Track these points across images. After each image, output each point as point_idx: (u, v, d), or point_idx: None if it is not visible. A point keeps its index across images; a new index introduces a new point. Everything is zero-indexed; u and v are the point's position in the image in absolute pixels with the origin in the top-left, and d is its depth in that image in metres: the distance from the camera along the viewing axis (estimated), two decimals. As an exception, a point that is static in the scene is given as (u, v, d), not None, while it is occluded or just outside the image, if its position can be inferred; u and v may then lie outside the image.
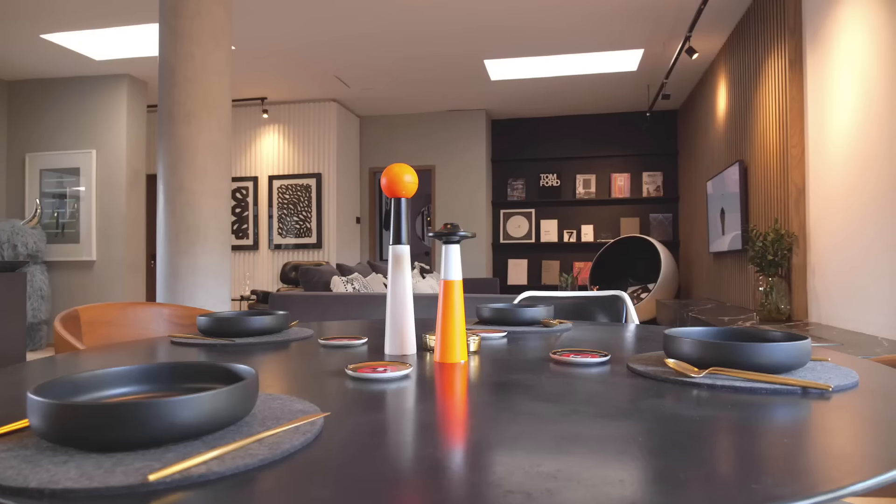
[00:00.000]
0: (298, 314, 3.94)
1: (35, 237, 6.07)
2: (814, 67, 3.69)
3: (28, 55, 5.74)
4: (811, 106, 3.73)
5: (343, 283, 4.09)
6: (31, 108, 6.47)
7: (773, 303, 3.84)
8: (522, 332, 1.45)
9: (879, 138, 2.93)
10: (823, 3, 3.55)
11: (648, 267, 7.58)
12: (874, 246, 3.00)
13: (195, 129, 2.70)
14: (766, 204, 4.34)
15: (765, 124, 4.34)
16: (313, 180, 7.19)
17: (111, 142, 6.27)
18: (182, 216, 2.67)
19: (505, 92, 6.98)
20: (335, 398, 0.78)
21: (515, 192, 8.18)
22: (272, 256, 7.29)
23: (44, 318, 6.08)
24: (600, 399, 0.76)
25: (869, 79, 3.03)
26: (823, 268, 3.60)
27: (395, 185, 1.13)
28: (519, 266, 8.13)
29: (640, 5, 4.71)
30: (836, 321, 3.43)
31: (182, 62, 2.69)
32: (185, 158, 2.69)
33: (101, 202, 6.28)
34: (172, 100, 2.70)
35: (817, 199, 3.67)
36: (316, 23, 4.96)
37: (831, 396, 0.77)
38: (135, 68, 6.11)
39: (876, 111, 2.97)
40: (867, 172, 3.06)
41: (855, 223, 3.20)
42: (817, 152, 3.65)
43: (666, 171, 7.81)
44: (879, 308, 2.96)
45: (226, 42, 2.81)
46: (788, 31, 3.87)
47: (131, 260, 6.32)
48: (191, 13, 2.71)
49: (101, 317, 1.66)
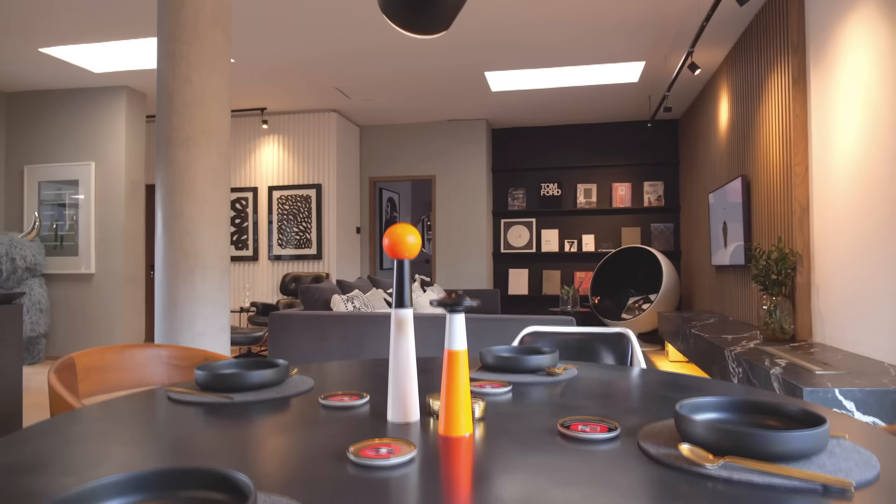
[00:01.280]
0: (299, 333, 3.91)
1: (33, 250, 6.04)
2: (818, 85, 3.66)
3: (26, 68, 5.71)
4: (815, 124, 3.70)
5: (343, 301, 4.06)
6: (30, 120, 6.44)
7: (776, 322, 3.80)
8: (527, 384, 1.42)
9: (885, 161, 2.90)
10: (827, 21, 3.52)
11: (650, 277, 7.55)
12: (880, 269, 2.97)
13: (194, 154, 2.67)
14: (769, 220, 4.31)
15: (768, 140, 4.31)
16: (313, 191, 7.16)
17: (110, 154, 6.25)
18: (181, 243, 2.64)
19: (505, 102, 6.96)
20: (336, 491, 0.74)
21: (516, 202, 8.15)
22: (272, 267, 7.25)
23: (42, 331, 6.05)
24: (611, 489, 0.73)
25: (874, 101, 3.00)
26: (828, 288, 3.57)
27: (397, 247, 1.10)
28: (520, 276, 8.10)
29: (642, 20, 4.69)
30: (841, 342, 3.40)
31: (180, 87, 2.67)
32: (183, 185, 2.66)
33: (100, 214, 6.25)
34: (171, 125, 2.67)
35: (821, 218, 3.64)
36: (317, 38, 4.93)
37: (853, 495, 0.74)
38: (133, 80, 6.08)
39: (881, 134, 2.94)
40: (873, 194, 3.03)
41: (860, 244, 3.17)
42: (821, 171, 3.62)
43: (667, 181, 7.78)
44: (885, 332, 2.93)
45: (224, 66, 2.78)
46: (791, 47, 3.84)
47: (130, 272, 6.29)
48: (189, 37, 2.68)
49: (98, 362, 1.63)
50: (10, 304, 2.15)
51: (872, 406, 2.29)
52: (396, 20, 1.55)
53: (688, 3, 4.36)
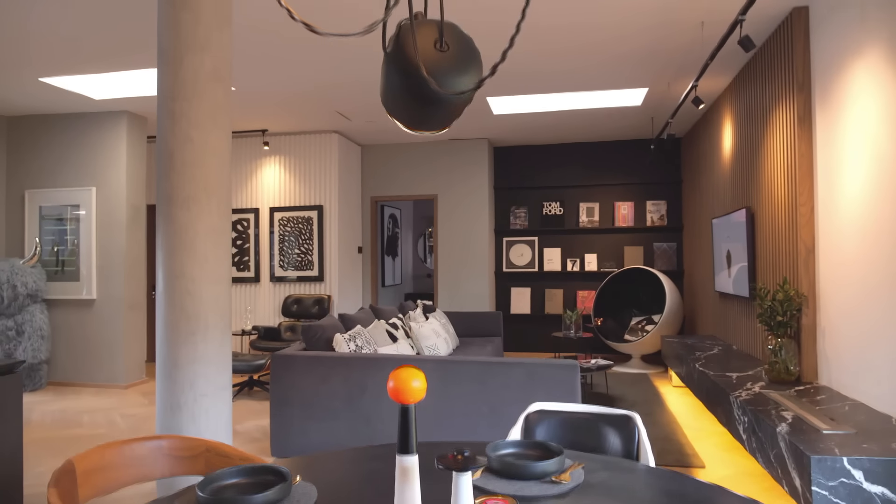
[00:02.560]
0: (301, 374, 3.89)
1: (35, 276, 6.02)
2: (823, 125, 3.63)
3: (27, 96, 5.69)
4: (821, 165, 3.67)
5: (345, 341, 4.03)
6: (31, 144, 6.42)
7: (782, 362, 3.78)
8: (534, 498, 1.39)
9: (893, 214, 2.87)
10: (833, 62, 3.49)
11: (653, 297, 7.52)
12: (886, 321, 2.94)
13: (195, 214, 2.65)
14: (773, 256, 4.28)
15: (773, 175, 4.28)
16: (314, 213, 7.14)
17: (111, 179, 6.23)
18: (182, 304, 2.62)
19: (507, 123, 6.93)
20: None
21: (518, 221, 8.13)
22: (273, 289, 7.23)
23: (44, 357, 6.03)
24: None
25: (882, 152, 2.97)
26: (834, 331, 3.54)
27: (402, 393, 1.08)
28: (522, 295, 8.07)
29: (646, 52, 4.66)
30: (846, 388, 3.37)
31: (181, 145, 2.64)
32: (184, 244, 2.63)
33: (101, 240, 6.23)
34: (171, 184, 2.65)
35: (827, 261, 3.61)
36: (318, 70, 4.90)
37: None
38: (134, 105, 6.06)
39: (889, 186, 2.91)
40: (880, 245, 3.00)
41: (866, 292, 3.14)
42: (827, 214, 3.59)
43: (670, 200, 7.75)
44: (890, 385, 2.90)
45: (225, 122, 2.76)
46: (797, 85, 3.81)
47: (132, 298, 6.27)
48: (189, 95, 2.66)
49: (98, 463, 1.61)
50: (11, 374, 2.13)
51: (881, 476, 2.27)
52: (399, 121, 1.53)
53: (692, 36, 4.33)
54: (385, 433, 3.76)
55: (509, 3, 3.77)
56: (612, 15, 3.96)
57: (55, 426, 4.75)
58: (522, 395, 3.55)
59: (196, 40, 2.67)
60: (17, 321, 5.90)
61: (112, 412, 5.18)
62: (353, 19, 3.95)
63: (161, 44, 2.69)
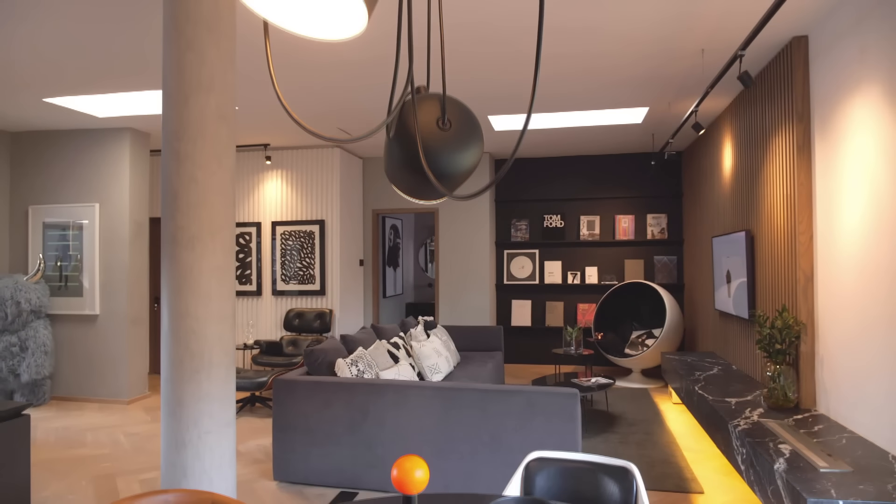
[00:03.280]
0: (303, 399, 3.92)
1: (38, 292, 6.05)
2: (822, 156, 3.66)
3: (30, 115, 5.73)
4: (820, 196, 3.70)
5: (347, 366, 4.07)
6: (34, 160, 6.46)
7: (780, 389, 3.80)
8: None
9: (890, 251, 2.90)
10: (832, 94, 3.51)
11: (653, 310, 7.55)
12: (882, 356, 2.97)
13: (199, 253, 2.68)
14: (773, 280, 4.31)
15: (772, 200, 4.30)
16: (316, 227, 7.17)
17: (114, 195, 6.26)
18: (186, 343, 2.65)
19: (508, 139, 6.96)
20: None
21: (519, 233, 8.16)
22: (275, 302, 7.27)
23: (47, 373, 6.07)
24: None
25: (879, 189, 3.00)
26: (832, 360, 3.56)
27: (405, 484, 1.11)
28: (523, 307, 8.10)
29: (646, 77, 4.68)
30: (844, 419, 3.40)
31: (185, 186, 2.67)
32: (188, 283, 2.67)
33: (104, 255, 6.27)
34: (176, 224, 2.68)
35: (825, 291, 3.63)
36: (320, 96, 4.93)
37: None
38: (137, 122, 6.09)
39: (886, 223, 2.93)
40: (877, 281, 3.02)
41: (864, 326, 3.16)
42: (826, 245, 3.62)
43: (670, 214, 7.78)
44: (886, 419, 2.92)
45: (229, 161, 2.79)
46: (797, 114, 3.84)
47: (134, 313, 6.31)
48: (193, 136, 2.69)
49: (106, 522, 1.64)
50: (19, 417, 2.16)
51: (877, 520, 2.29)
52: (401, 190, 1.56)
53: (693, 61, 4.35)
54: (386, 459, 3.79)
55: (510, 35, 3.80)
56: (613, 44, 3.99)
57: (59, 446, 4.78)
58: (523, 422, 3.58)
59: (201, 82, 2.71)
60: (20, 337, 5.94)
61: (115, 430, 5.22)
62: (360, 66, 3.98)
63: (166, 85, 2.72)
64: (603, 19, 3.61)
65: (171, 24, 2.73)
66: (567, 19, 3.61)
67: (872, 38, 3.06)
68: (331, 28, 0.96)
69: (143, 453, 4.61)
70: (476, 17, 3.58)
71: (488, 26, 3.70)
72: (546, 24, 3.68)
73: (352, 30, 0.94)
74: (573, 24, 3.69)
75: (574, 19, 3.61)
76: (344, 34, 0.96)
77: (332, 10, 0.95)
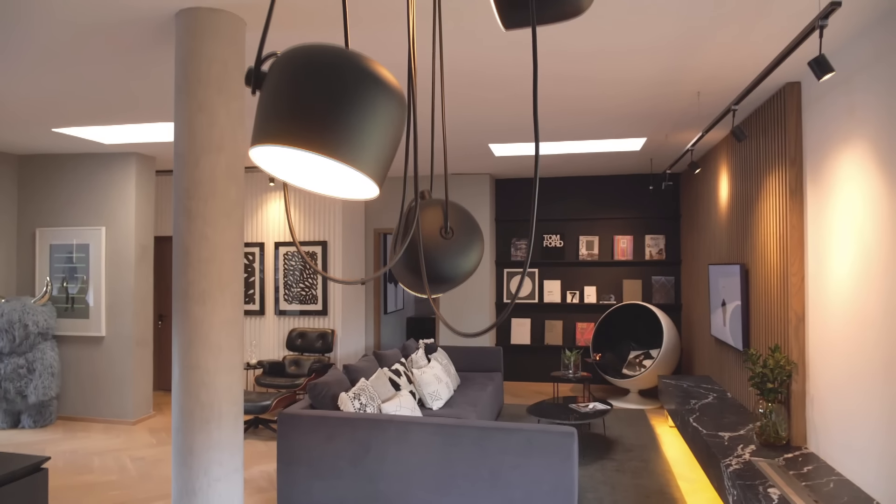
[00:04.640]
0: (307, 432, 4.02)
1: (45, 314, 6.16)
2: (814, 202, 3.76)
3: (39, 143, 5.83)
4: (811, 241, 3.79)
5: (350, 400, 4.17)
6: (42, 183, 6.56)
7: (772, 426, 3.90)
8: None
9: (877, 305, 3.00)
10: (823, 144, 3.61)
11: (651, 330, 7.64)
12: (869, 402, 3.07)
13: (209, 308, 2.78)
14: (767, 316, 4.40)
15: (766, 238, 4.40)
16: (319, 248, 7.27)
17: (120, 218, 6.36)
18: (197, 395, 2.75)
19: (508, 163, 7.06)
20: None
21: (519, 252, 8.26)
22: (278, 322, 7.37)
23: (53, 394, 6.17)
24: None
25: (867, 243, 3.10)
26: (822, 401, 3.66)
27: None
28: (522, 326, 8.20)
29: (644, 114, 4.78)
30: (833, 461, 3.49)
31: (196, 243, 2.77)
32: (199, 337, 2.76)
33: (110, 278, 6.37)
34: (187, 280, 2.78)
35: (816, 333, 3.73)
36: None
37: None
38: (143, 148, 6.19)
39: (873, 276, 3.03)
40: (864, 331, 3.12)
41: (851, 373, 3.26)
42: (816, 289, 3.72)
43: (668, 235, 7.88)
44: (872, 466, 3.02)
45: (238, 217, 2.89)
46: (789, 159, 3.94)
47: (140, 335, 6.41)
48: (205, 195, 2.79)
49: None
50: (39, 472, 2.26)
51: (859, 575, 2.39)
52: (405, 285, 1.66)
53: (689, 101, 4.45)
54: (388, 494, 3.89)
55: (510, 77, 3.89)
56: (612, 89, 4.08)
57: (67, 471, 4.88)
58: (521, 459, 3.68)
59: (211, 142, 2.81)
60: (28, 359, 6.04)
61: (122, 454, 5.32)
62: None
63: (178, 146, 2.82)
64: (602, 69, 3.71)
65: (183, 86, 2.84)
66: (567, 70, 3.71)
67: (860, 96, 3.16)
68: (347, 189, 1.06)
69: (149, 480, 4.71)
70: (475, 66, 3.67)
71: (487, 74, 3.79)
72: (546, 73, 3.78)
73: (367, 193, 1.04)
74: (573, 74, 3.78)
75: (574, 70, 3.71)
76: (360, 195, 1.06)
77: (346, 178, 1.05)
